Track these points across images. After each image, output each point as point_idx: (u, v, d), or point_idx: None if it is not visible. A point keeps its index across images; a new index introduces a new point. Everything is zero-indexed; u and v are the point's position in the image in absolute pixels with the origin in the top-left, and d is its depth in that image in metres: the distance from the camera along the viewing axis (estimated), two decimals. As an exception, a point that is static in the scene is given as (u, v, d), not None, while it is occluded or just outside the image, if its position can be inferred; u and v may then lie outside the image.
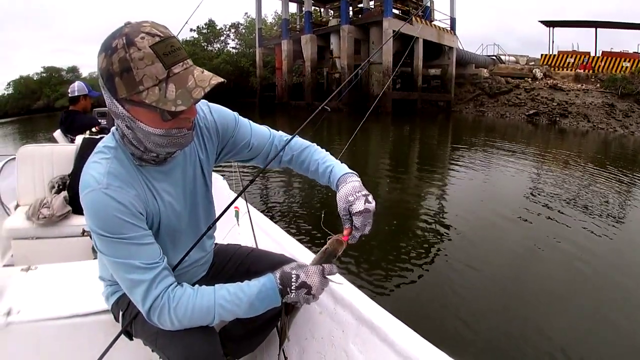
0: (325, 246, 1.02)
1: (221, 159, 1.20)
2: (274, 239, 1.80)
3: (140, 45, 0.78)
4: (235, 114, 1.19)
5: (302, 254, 1.58)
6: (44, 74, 44.44)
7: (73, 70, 45.24)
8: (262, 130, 1.22)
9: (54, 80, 43.48)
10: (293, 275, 0.94)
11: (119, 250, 0.88)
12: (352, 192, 1.05)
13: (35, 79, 45.34)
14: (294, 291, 0.93)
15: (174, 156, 1.01)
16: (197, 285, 0.97)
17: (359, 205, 1.02)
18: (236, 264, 1.34)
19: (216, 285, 0.97)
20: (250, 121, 1.23)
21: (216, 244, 1.37)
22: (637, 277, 3.34)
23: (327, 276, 0.97)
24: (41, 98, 42.85)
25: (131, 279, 0.89)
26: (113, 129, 0.97)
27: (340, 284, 1.25)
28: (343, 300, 1.33)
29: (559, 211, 5.06)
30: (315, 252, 1.55)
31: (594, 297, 3.02)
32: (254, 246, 1.62)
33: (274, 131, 1.26)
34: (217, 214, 1.15)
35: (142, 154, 0.93)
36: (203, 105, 1.13)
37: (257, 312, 0.96)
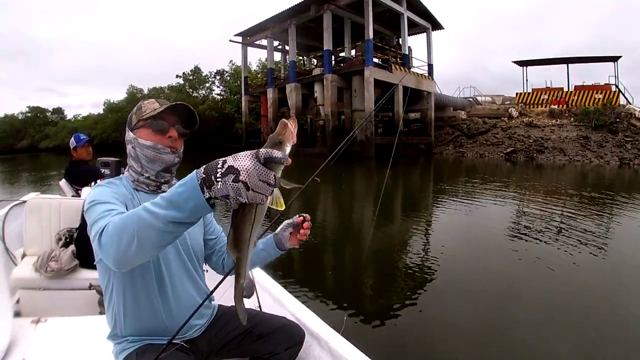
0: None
1: None
2: (276, 299, 1.83)
3: (150, 101, 1.28)
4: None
5: (308, 317, 1.60)
6: (29, 114, 44.19)
7: (58, 111, 45.31)
8: (223, 235, 1.51)
9: (38, 120, 43.20)
10: (220, 161, 0.76)
11: (99, 209, 1.04)
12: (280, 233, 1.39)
13: (20, 118, 45.02)
14: (219, 179, 0.74)
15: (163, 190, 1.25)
16: None
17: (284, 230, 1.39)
18: (240, 327, 1.40)
19: None
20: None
21: (220, 305, 1.49)
22: (622, 301, 3.45)
23: (268, 165, 0.75)
24: (25, 138, 42.40)
25: (97, 221, 1.00)
26: (124, 171, 1.32)
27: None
28: (337, 354, 1.40)
29: (541, 241, 5.23)
30: (318, 316, 1.62)
31: (583, 325, 3.07)
32: (257, 307, 1.67)
33: None
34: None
35: (139, 175, 1.25)
36: None
37: (183, 212, 0.80)
